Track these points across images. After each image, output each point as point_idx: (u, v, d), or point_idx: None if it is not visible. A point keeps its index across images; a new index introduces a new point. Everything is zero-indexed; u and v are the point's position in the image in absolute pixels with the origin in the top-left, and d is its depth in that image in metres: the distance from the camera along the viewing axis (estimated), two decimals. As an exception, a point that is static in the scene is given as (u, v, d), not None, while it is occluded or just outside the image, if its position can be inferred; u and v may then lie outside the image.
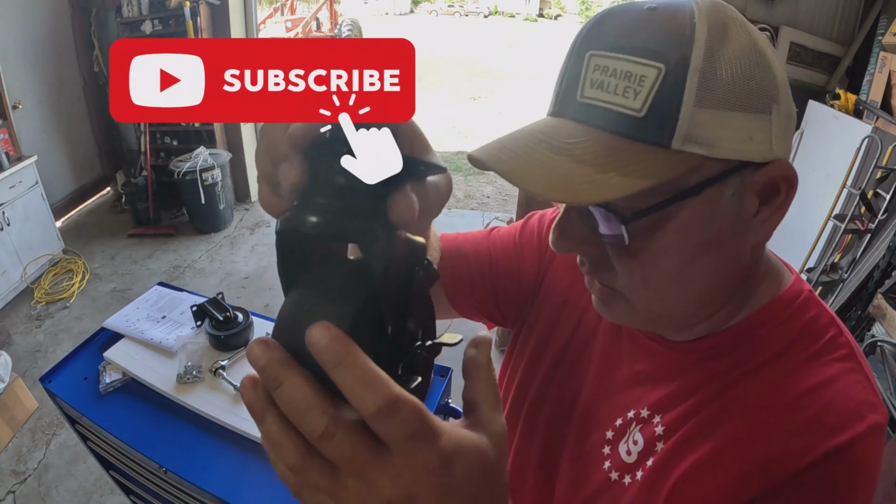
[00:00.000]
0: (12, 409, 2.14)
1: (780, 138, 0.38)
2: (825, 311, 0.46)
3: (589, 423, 0.53)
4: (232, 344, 1.16)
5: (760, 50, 0.37)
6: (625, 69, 0.36)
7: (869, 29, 3.01)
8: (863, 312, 2.30)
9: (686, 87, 0.35)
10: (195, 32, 3.60)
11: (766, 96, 0.37)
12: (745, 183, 0.39)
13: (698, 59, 0.35)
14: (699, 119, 0.35)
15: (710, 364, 0.46)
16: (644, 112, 0.35)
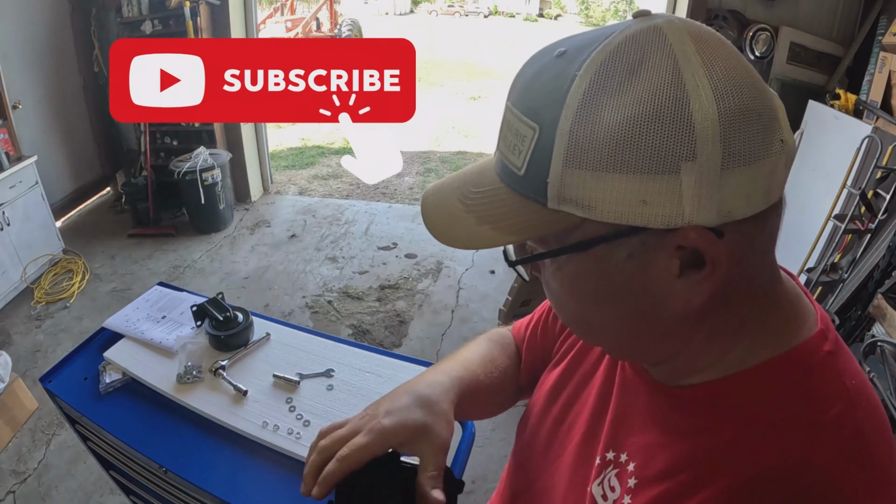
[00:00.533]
0: (12, 409, 2.14)
1: (705, 200, 0.33)
2: (835, 381, 0.40)
3: (580, 458, 0.52)
4: (232, 344, 1.16)
5: (678, 99, 0.32)
6: (516, 126, 0.38)
7: (869, 29, 3.01)
8: (863, 312, 2.30)
9: (554, 149, 0.35)
10: (195, 32, 3.60)
11: (668, 156, 0.32)
12: (648, 246, 0.36)
13: (566, 122, 0.34)
14: (571, 181, 0.34)
15: (691, 420, 0.42)
16: (523, 170, 0.37)
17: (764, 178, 0.35)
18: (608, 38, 0.35)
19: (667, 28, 0.34)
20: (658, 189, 0.33)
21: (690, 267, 0.36)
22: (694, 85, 0.32)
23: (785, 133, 0.36)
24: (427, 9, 24.49)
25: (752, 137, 0.33)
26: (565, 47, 0.37)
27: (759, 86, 0.35)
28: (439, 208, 0.42)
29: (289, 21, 10.21)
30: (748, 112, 0.33)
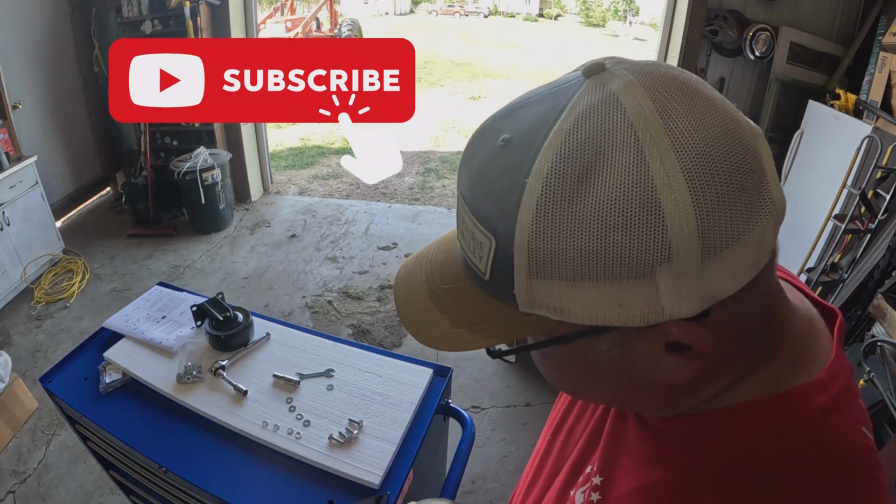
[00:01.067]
0: (12, 409, 2.14)
1: (685, 295, 0.30)
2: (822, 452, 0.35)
3: (573, 470, 0.51)
4: (232, 344, 1.16)
5: (646, 200, 0.29)
6: (472, 230, 0.35)
7: (869, 29, 3.01)
8: (863, 312, 2.30)
9: (515, 262, 0.32)
10: (195, 32, 3.60)
11: (640, 262, 0.29)
12: (629, 338, 0.34)
13: (522, 237, 0.31)
14: (539, 289, 0.32)
15: (651, 450, 0.41)
16: (488, 276, 0.35)
17: (751, 251, 0.31)
18: (557, 121, 0.31)
19: (624, 96, 0.30)
20: (633, 293, 0.31)
21: (677, 351, 0.34)
22: (663, 176, 0.28)
23: (773, 188, 0.31)
24: (427, 9, 24.48)
25: (734, 219, 0.29)
26: (509, 133, 0.34)
27: (735, 143, 0.30)
28: (410, 302, 0.41)
29: (289, 21, 10.21)
30: (728, 190, 0.29)
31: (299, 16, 10.70)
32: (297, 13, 11.03)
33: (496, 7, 25.31)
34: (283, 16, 10.62)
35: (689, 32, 3.23)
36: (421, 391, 1.05)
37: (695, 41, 3.25)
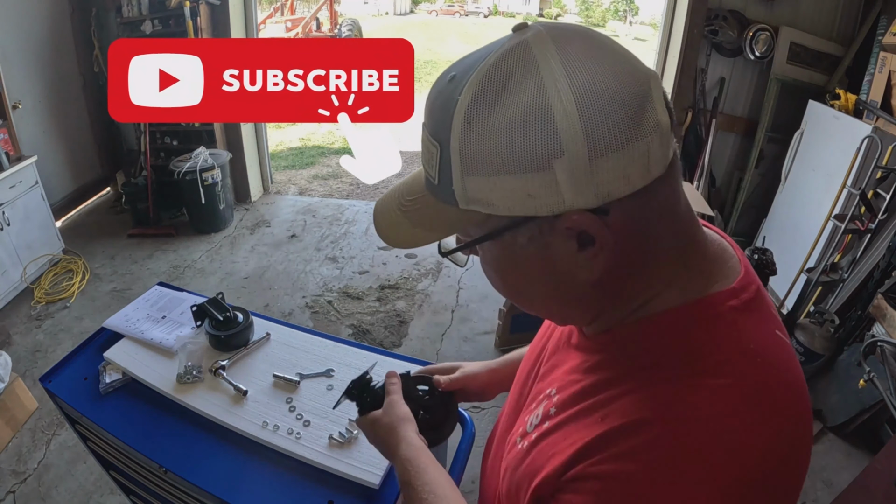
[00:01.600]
0: (12, 409, 2.14)
1: (580, 186, 0.38)
2: (734, 344, 0.42)
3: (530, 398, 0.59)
4: (232, 344, 1.16)
5: (541, 104, 0.38)
6: (427, 144, 0.44)
7: (869, 29, 3.01)
8: (863, 312, 2.30)
9: (452, 163, 0.41)
10: (195, 32, 3.60)
11: (537, 156, 0.38)
12: (543, 231, 0.42)
13: (455, 141, 0.41)
14: (472, 185, 0.41)
15: (592, 360, 0.49)
16: (437, 180, 0.43)
17: (639, 159, 0.38)
18: (485, 59, 0.41)
19: (533, 41, 0.39)
20: (538, 184, 0.39)
21: (586, 244, 0.41)
22: (555, 92, 0.37)
23: (659, 114, 0.39)
24: (427, 9, 24.48)
25: (617, 127, 0.37)
26: (455, 71, 0.43)
27: (629, 80, 0.39)
28: (384, 216, 0.51)
29: (289, 21, 10.21)
30: (611, 105, 0.37)
31: (299, 16, 10.69)
32: (297, 13, 11.02)
33: (496, 7, 25.31)
34: (283, 16, 10.62)
35: (689, 32, 3.23)
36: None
37: (695, 41, 3.25)
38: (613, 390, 0.44)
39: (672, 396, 0.40)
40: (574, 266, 0.43)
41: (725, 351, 0.41)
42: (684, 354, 0.42)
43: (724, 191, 3.63)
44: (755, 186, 3.45)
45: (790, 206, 3.13)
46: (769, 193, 3.32)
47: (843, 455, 2.14)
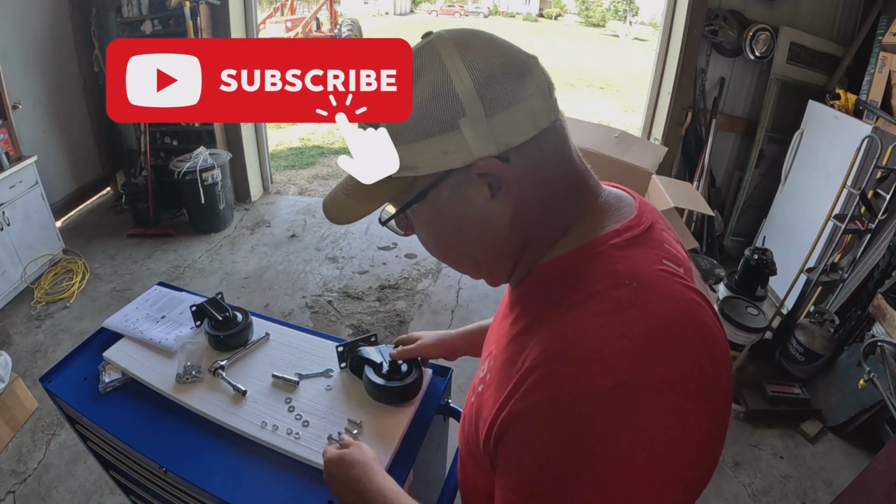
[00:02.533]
0: (12, 409, 2.14)
1: (483, 139, 0.48)
2: (608, 272, 0.48)
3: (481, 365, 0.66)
4: (231, 344, 1.16)
5: (445, 81, 0.48)
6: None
7: (869, 29, 3.01)
8: (863, 312, 2.30)
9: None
10: (195, 32, 3.60)
11: (446, 119, 0.48)
12: (460, 182, 0.50)
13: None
14: (400, 154, 0.49)
15: (513, 310, 0.56)
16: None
17: (526, 115, 0.49)
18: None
19: (437, 40, 0.49)
20: (450, 141, 0.48)
21: (496, 189, 0.50)
22: (455, 70, 0.47)
23: (539, 82, 0.50)
24: (427, 9, 24.48)
25: (504, 91, 0.48)
26: None
27: (510, 58, 0.50)
28: (333, 203, 0.56)
29: (289, 21, 10.21)
30: (498, 76, 0.48)
31: (299, 16, 10.69)
32: (297, 13, 11.02)
33: (496, 7, 25.31)
34: (283, 16, 10.62)
35: (689, 32, 3.23)
36: (421, 391, 1.05)
37: (695, 41, 3.25)
38: (528, 337, 0.49)
39: (558, 329, 0.46)
40: (490, 211, 0.51)
41: (599, 281, 0.47)
42: (570, 291, 0.49)
43: (724, 191, 3.63)
44: (755, 186, 3.45)
45: (790, 206, 3.13)
46: (769, 193, 3.32)
47: (843, 455, 2.14)
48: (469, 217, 0.52)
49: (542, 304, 0.51)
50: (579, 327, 0.44)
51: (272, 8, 11.21)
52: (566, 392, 0.42)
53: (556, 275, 0.51)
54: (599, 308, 0.45)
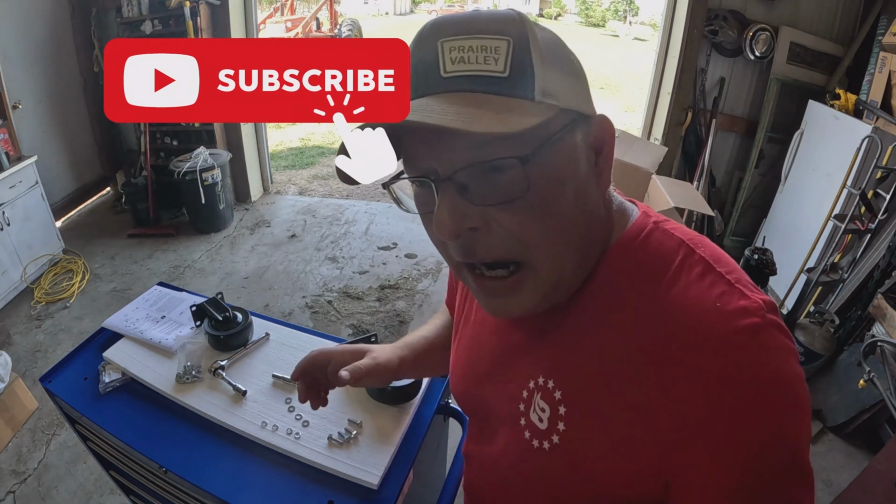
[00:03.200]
0: (12, 409, 2.14)
1: (591, 100, 0.47)
2: (671, 237, 0.48)
3: (504, 401, 0.57)
4: (231, 344, 1.16)
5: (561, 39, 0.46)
6: (479, 44, 0.42)
7: (869, 29, 3.01)
8: (863, 312, 2.30)
9: (532, 53, 0.42)
10: (195, 32, 3.60)
11: (578, 67, 0.46)
12: (585, 133, 0.45)
13: (533, 33, 0.43)
14: (547, 77, 0.42)
15: (576, 320, 0.49)
16: (508, 73, 0.41)
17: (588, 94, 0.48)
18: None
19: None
20: (582, 88, 0.46)
21: (598, 156, 0.47)
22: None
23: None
24: (427, 9, 24.48)
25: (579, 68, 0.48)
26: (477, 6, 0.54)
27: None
28: (445, 115, 0.40)
29: (289, 21, 10.21)
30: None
31: (299, 16, 10.69)
32: (297, 13, 11.02)
33: (496, 7, 25.23)
34: (283, 16, 10.62)
35: (689, 32, 3.23)
36: (420, 391, 1.05)
37: (695, 41, 3.25)
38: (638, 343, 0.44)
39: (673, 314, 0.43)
40: (590, 181, 0.46)
41: (674, 252, 0.46)
42: (651, 276, 0.45)
43: (724, 191, 3.63)
44: (755, 186, 3.45)
45: (790, 206, 3.12)
46: (769, 193, 3.32)
47: (843, 455, 2.14)
48: (585, 178, 0.46)
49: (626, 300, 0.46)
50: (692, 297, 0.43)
51: (272, 8, 11.21)
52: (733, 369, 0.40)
53: (623, 260, 0.48)
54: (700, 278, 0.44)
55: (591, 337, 0.48)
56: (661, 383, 0.42)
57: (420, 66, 0.43)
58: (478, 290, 0.49)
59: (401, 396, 1.02)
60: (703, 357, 0.40)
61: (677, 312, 0.42)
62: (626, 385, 0.44)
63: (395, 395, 1.01)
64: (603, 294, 0.48)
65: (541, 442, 0.51)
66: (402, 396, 1.02)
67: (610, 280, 0.48)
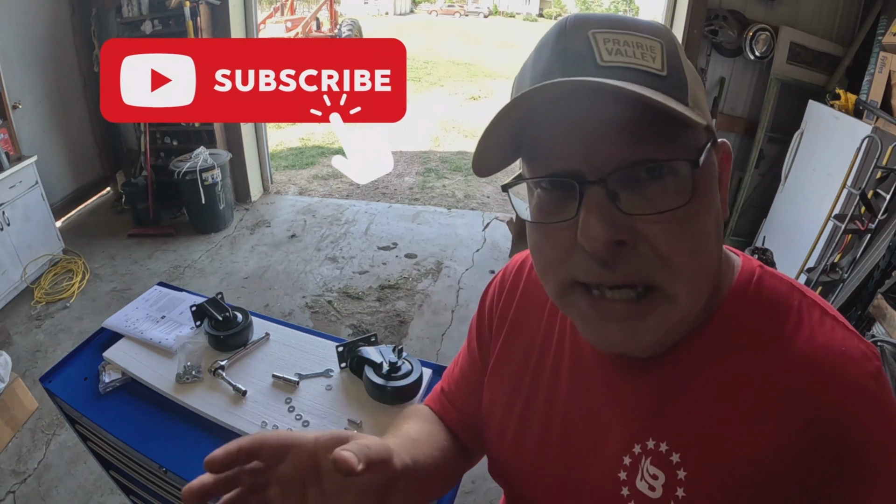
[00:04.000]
0: (12, 409, 2.14)
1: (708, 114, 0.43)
2: (781, 281, 0.47)
3: (595, 470, 0.51)
4: (231, 344, 1.16)
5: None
6: (635, 41, 0.39)
7: (869, 29, 3.01)
8: (863, 312, 2.30)
9: (682, 60, 0.40)
10: (195, 32, 3.60)
11: (699, 76, 0.43)
12: (714, 157, 0.43)
13: (679, 43, 0.41)
14: (693, 88, 0.40)
15: (692, 370, 0.45)
16: (665, 72, 0.39)
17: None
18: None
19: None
20: (707, 105, 0.42)
21: (717, 177, 0.43)
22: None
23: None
24: (427, 9, 24.49)
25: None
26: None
27: None
28: (616, 81, 0.36)
29: (289, 21, 10.21)
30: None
31: (299, 16, 10.70)
32: (297, 13, 11.03)
33: (496, 7, 25.31)
34: (283, 16, 10.62)
35: (689, 32, 3.23)
36: (420, 391, 1.05)
37: (695, 41, 3.25)
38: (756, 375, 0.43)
39: (808, 358, 0.42)
40: (717, 196, 0.43)
41: (790, 295, 0.46)
42: (774, 321, 0.44)
43: (724, 191, 3.63)
44: (755, 186, 3.45)
45: (790, 206, 3.12)
46: (769, 193, 3.32)
47: (843, 455, 2.14)
48: (717, 200, 0.42)
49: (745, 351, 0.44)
50: (825, 338, 0.43)
51: (272, 8, 11.21)
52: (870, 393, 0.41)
53: (746, 304, 0.46)
54: (822, 318, 0.44)
55: (707, 391, 0.44)
56: (804, 430, 0.41)
57: (569, 54, 0.39)
58: (591, 316, 0.42)
59: (401, 396, 1.02)
60: (846, 400, 0.41)
61: (812, 358, 0.42)
62: (754, 438, 0.42)
63: (394, 394, 1.02)
64: (720, 343, 0.45)
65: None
66: (401, 396, 1.02)
67: (727, 327, 0.45)
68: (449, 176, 5.35)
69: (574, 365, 0.53)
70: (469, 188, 5.00)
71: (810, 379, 0.41)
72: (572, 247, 0.40)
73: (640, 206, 0.38)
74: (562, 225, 0.40)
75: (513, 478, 0.60)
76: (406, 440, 0.58)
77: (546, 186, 0.41)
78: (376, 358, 1.04)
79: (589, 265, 0.40)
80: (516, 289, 0.60)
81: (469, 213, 4.37)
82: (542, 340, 0.57)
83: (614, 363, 0.49)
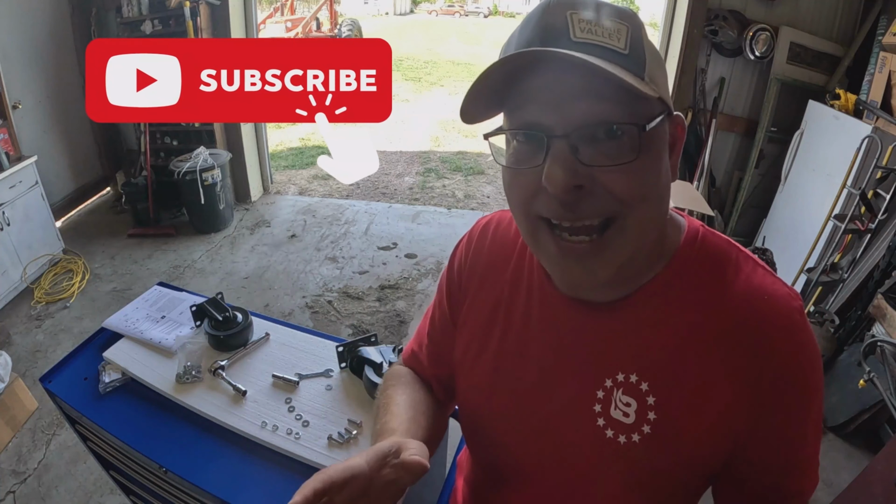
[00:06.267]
0: (12, 409, 2.14)
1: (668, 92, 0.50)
2: (720, 238, 0.56)
3: (571, 405, 0.57)
4: (231, 344, 1.16)
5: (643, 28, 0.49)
6: (605, 23, 0.46)
7: (869, 29, 3.01)
8: (863, 312, 2.30)
9: (644, 42, 0.47)
10: (195, 32, 3.60)
11: (661, 58, 0.49)
12: (667, 126, 0.49)
13: (643, 26, 0.48)
14: (651, 66, 0.47)
15: (650, 313, 0.54)
16: (628, 51, 0.45)
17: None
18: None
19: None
20: (664, 79, 0.49)
21: (671, 148, 0.51)
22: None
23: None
24: (427, 9, 24.49)
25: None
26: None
27: None
28: (577, 56, 0.43)
29: (289, 21, 10.21)
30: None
31: (299, 16, 10.69)
32: (297, 13, 11.02)
33: (496, 7, 25.31)
34: (283, 16, 10.62)
35: (689, 32, 3.22)
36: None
37: (695, 41, 3.25)
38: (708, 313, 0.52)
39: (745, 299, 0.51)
40: (666, 170, 0.50)
41: (730, 249, 0.55)
42: (718, 270, 0.53)
43: (724, 191, 3.63)
44: (755, 186, 3.45)
45: (790, 206, 3.12)
46: (769, 193, 3.32)
47: (843, 455, 2.14)
48: (666, 167, 0.51)
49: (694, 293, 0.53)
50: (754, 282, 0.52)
51: (272, 8, 11.21)
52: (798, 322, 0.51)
53: (692, 257, 0.54)
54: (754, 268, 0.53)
55: (667, 327, 0.53)
56: (744, 353, 0.50)
57: (549, 28, 0.46)
58: (556, 255, 0.50)
59: None
60: (775, 330, 0.50)
61: (748, 297, 0.51)
62: (707, 363, 0.51)
63: None
64: (673, 287, 0.54)
65: (629, 436, 0.54)
66: None
67: (678, 274, 0.54)
68: (449, 176, 5.35)
69: (544, 311, 0.60)
70: (469, 188, 5.00)
71: (748, 314, 0.51)
72: (539, 188, 0.47)
73: (595, 159, 0.46)
74: (531, 170, 0.47)
75: (487, 425, 0.64)
76: (410, 423, 0.62)
77: (521, 139, 0.49)
78: (376, 358, 1.04)
79: (551, 203, 0.47)
80: (483, 245, 0.67)
81: (469, 213, 4.37)
82: (509, 291, 0.63)
83: (583, 305, 0.56)
